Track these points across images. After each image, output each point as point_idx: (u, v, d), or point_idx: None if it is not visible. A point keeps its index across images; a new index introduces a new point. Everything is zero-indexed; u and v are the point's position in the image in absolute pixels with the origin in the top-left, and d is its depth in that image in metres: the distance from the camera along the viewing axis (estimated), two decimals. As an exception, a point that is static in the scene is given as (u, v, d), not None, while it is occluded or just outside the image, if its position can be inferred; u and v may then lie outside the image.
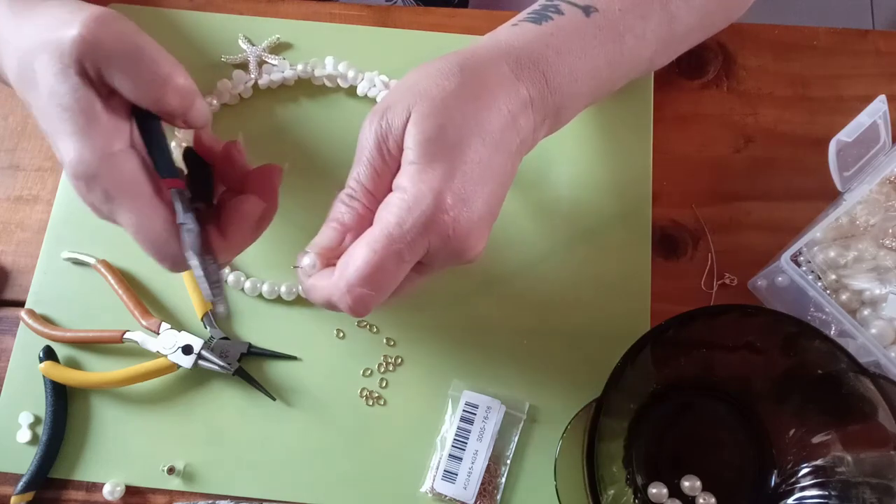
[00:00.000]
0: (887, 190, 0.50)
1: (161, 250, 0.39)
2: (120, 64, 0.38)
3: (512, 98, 0.40)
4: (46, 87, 0.38)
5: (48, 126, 0.38)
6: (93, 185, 0.37)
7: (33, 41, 0.38)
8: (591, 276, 0.53)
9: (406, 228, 0.37)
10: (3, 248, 0.55)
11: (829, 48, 0.59)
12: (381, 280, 0.37)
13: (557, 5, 0.45)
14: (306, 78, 0.57)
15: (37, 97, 0.38)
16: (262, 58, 0.57)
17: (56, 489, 0.49)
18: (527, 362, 0.51)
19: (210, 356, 0.50)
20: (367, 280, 0.37)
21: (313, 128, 0.56)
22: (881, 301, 0.48)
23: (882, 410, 0.42)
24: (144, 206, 0.38)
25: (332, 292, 0.38)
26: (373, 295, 0.37)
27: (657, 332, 0.43)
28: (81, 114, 0.37)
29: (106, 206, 0.38)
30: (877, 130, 0.49)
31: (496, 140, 0.39)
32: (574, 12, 0.44)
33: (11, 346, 0.52)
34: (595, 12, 0.44)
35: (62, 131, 0.38)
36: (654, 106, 0.57)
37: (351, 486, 0.49)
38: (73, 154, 0.37)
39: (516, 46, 0.42)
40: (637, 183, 0.55)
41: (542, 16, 0.44)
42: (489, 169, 0.39)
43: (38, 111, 0.39)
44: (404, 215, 0.37)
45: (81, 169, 0.37)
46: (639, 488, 0.47)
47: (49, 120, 0.38)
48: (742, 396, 0.49)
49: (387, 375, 0.51)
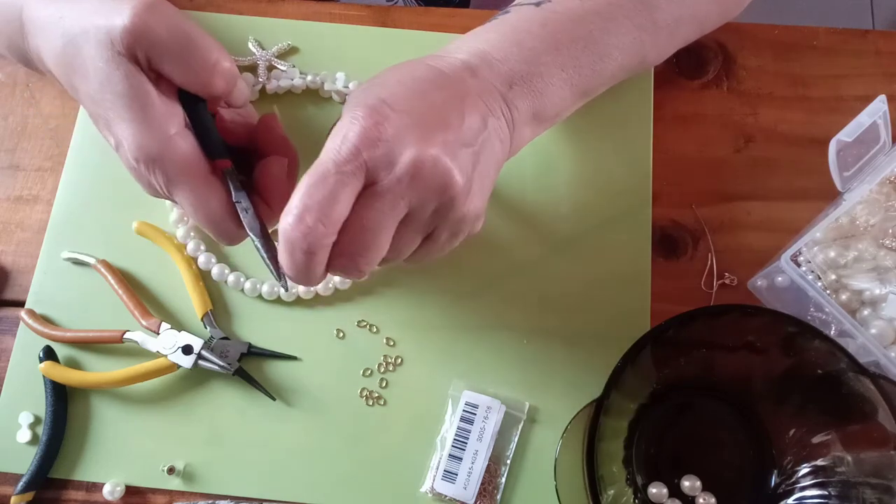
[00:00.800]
0: (887, 190, 0.50)
1: (220, 227, 0.41)
2: (170, 52, 0.39)
3: (450, 63, 0.41)
4: (98, 73, 0.39)
5: (101, 111, 0.40)
6: (153, 167, 0.39)
7: (79, 26, 0.39)
8: (591, 276, 0.53)
9: (341, 149, 0.36)
10: (3, 248, 0.55)
11: (829, 48, 0.59)
12: (324, 206, 0.35)
13: (507, 9, 0.46)
14: (314, 89, 0.57)
15: (86, 83, 0.40)
16: (271, 62, 0.57)
17: (56, 489, 0.49)
18: (527, 362, 0.51)
19: (210, 356, 0.50)
20: (308, 207, 0.35)
21: (318, 138, 0.56)
22: (881, 301, 0.48)
23: (882, 410, 0.42)
24: (202, 186, 0.40)
25: (285, 233, 0.36)
26: (322, 229, 0.36)
27: (657, 332, 0.43)
28: (136, 100, 0.39)
29: (165, 188, 0.40)
30: (877, 130, 0.49)
31: (425, 80, 0.39)
32: (522, 8, 0.45)
33: (11, 346, 0.52)
34: (547, 2, 0.45)
35: (118, 117, 0.39)
36: (654, 106, 0.57)
37: (351, 486, 0.49)
38: (132, 139, 0.39)
39: (454, 44, 0.44)
40: (637, 183, 0.55)
41: (492, 19, 0.46)
42: (420, 92, 0.39)
43: (88, 97, 0.40)
44: (337, 139, 0.37)
45: (143, 153, 0.39)
46: (639, 488, 0.47)
47: (102, 106, 0.39)
48: (742, 396, 0.49)
49: (387, 375, 0.51)
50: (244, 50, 0.58)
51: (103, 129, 0.41)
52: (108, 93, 0.39)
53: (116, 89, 0.38)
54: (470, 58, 0.42)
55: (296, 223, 0.35)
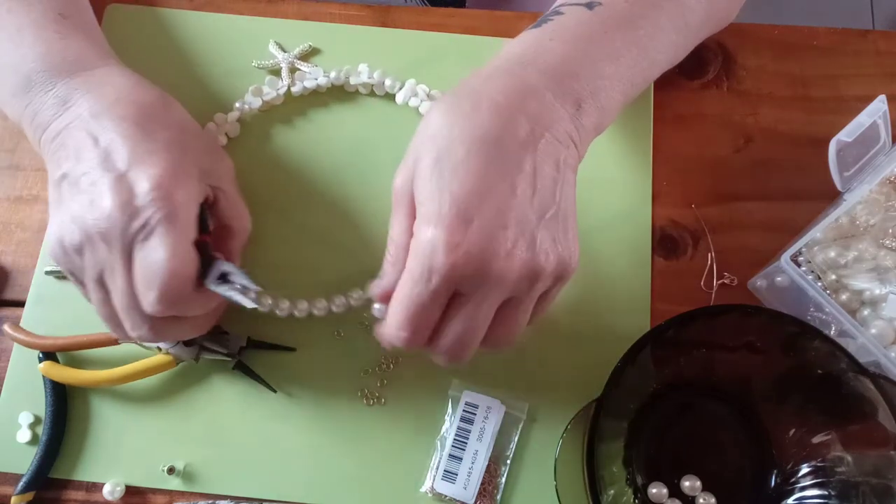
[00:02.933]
0: (887, 190, 0.50)
1: (182, 283, 0.41)
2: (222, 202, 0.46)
3: (515, 90, 0.40)
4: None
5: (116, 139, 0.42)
6: (158, 199, 0.40)
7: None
8: (591, 276, 0.53)
9: (417, 273, 0.38)
10: (3, 248, 0.55)
11: (829, 48, 0.59)
12: (416, 320, 0.39)
13: (558, 9, 0.45)
14: (339, 85, 0.57)
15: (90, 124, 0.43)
16: (293, 64, 0.57)
17: (56, 489, 0.49)
18: (527, 362, 0.51)
19: (212, 346, 0.50)
20: (402, 325, 0.39)
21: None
22: (881, 301, 0.48)
23: (882, 410, 0.42)
24: (187, 242, 0.41)
25: (390, 339, 0.41)
26: (420, 337, 0.40)
27: (657, 332, 0.43)
28: (182, 147, 0.44)
29: (151, 225, 0.40)
30: (877, 130, 0.49)
31: (493, 141, 0.39)
32: (575, 10, 0.44)
33: (11, 347, 0.52)
34: (599, 6, 0.44)
35: (149, 152, 0.42)
36: (654, 106, 0.57)
37: (351, 485, 0.49)
38: (162, 169, 0.41)
39: (517, 52, 0.43)
40: (637, 183, 0.55)
41: (543, 20, 0.45)
42: (491, 172, 0.38)
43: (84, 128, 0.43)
44: (412, 262, 0.39)
45: (162, 183, 0.41)
46: (639, 488, 0.47)
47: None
48: (742, 396, 0.49)
49: (386, 375, 0.51)
50: (263, 52, 0.58)
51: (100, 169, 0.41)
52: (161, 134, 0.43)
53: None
54: (540, 79, 0.41)
55: (395, 335, 0.40)
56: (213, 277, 0.43)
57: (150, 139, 0.42)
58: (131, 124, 0.42)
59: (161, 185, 0.40)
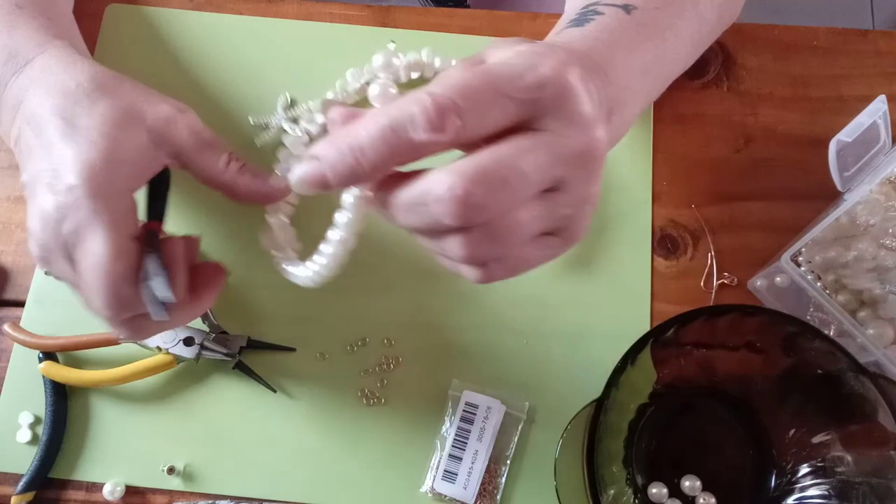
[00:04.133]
0: (887, 190, 0.50)
1: (117, 286, 0.38)
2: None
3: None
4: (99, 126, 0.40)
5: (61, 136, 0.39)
6: (88, 192, 0.37)
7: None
8: (591, 276, 0.53)
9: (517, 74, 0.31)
10: (3, 248, 0.55)
11: (829, 48, 0.58)
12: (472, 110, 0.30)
13: (595, 8, 0.44)
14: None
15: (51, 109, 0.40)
16: (281, 127, 0.56)
17: (56, 489, 0.49)
18: (527, 362, 0.51)
19: (212, 346, 0.50)
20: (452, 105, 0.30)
21: None
22: (881, 301, 0.48)
23: (882, 410, 0.42)
24: (124, 237, 0.38)
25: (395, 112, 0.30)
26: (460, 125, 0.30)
27: (657, 332, 0.43)
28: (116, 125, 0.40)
29: (81, 224, 0.37)
30: (877, 130, 0.49)
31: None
32: (614, 11, 0.43)
33: (11, 347, 0.52)
34: (634, 10, 0.43)
35: (68, 138, 0.39)
36: (655, 106, 0.57)
37: (351, 485, 0.49)
38: (83, 155, 0.38)
39: (566, 46, 0.41)
40: (637, 183, 0.55)
41: (584, 19, 0.43)
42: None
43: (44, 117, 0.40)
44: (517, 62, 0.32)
45: (87, 171, 0.38)
46: (639, 488, 0.47)
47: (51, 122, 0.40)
48: (742, 396, 0.49)
49: (386, 375, 0.51)
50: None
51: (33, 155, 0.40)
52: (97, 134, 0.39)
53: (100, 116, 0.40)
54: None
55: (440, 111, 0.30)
56: (142, 277, 0.39)
57: (74, 132, 0.39)
58: (59, 118, 0.40)
59: (82, 181, 0.37)
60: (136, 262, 0.39)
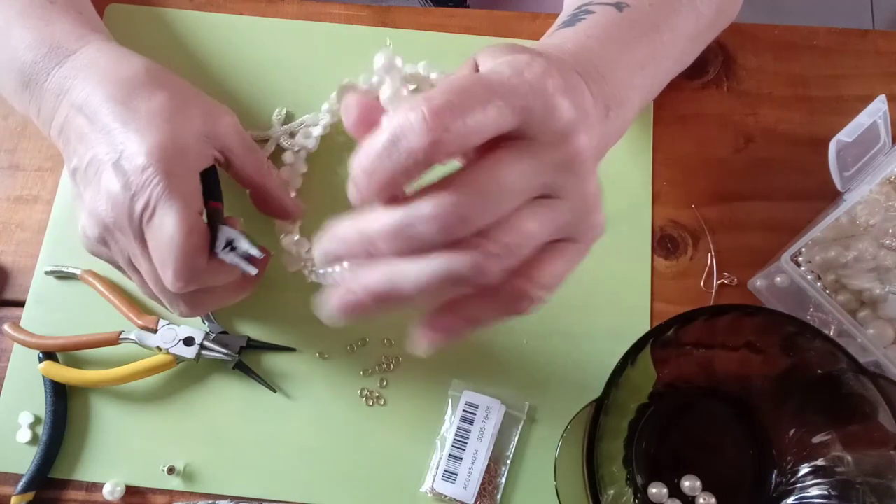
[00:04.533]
0: (887, 190, 0.50)
1: (191, 257, 0.40)
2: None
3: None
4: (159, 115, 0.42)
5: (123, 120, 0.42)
6: (159, 171, 0.40)
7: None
8: (591, 276, 0.53)
9: (511, 75, 0.31)
10: (3, 248, 0.55)
11: (829, 48, 0.58)
12: (462, 112, 0.29)
13: (587, 8, 0.44)
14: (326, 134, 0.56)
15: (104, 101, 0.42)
16: (279, 143, 0.55)
17: (56, 489, 0.49)
18: (527, 362, 0.51)
19: (212, 345, 0.50)
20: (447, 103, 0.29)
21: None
22: (881, 301, 0.48)
23: (882, 410, 0.42)
24: (195, 213, 0.41)
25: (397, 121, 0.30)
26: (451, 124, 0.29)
27: (657, 332, 0.43)
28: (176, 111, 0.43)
29: (155, 201, 0.40)
30: (877, 130, 0.49)
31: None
32: (606, 9, 0.44)
33: (11, 347, 0.52)
34: (627, 7, 0.44)
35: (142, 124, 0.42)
36: (654, 106, 0.57)
37: (351, 486, 0.49)
38: (155, 138, 0.41)
39: (555, 44, 0.42)
40: (637, 183, 0.55)
41: (576, 19, 0.44)
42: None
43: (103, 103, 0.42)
44: (503, 65, 0.32)
45: (160, 152, 0.40)
46: (639, 488, 0.47)
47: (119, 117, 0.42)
48: (742, 396, 0.49)
49: (386, 375, 0.51)
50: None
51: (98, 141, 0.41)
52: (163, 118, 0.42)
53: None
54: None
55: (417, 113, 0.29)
56: (220, 246, 0.43)
57: (137, 116, 0.42)
58: (117, 104, 0.42)
59: (153, 161, 0.40)
60: (205, 236, 0.42)
